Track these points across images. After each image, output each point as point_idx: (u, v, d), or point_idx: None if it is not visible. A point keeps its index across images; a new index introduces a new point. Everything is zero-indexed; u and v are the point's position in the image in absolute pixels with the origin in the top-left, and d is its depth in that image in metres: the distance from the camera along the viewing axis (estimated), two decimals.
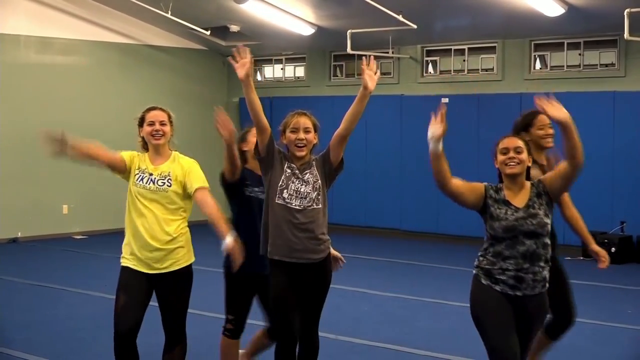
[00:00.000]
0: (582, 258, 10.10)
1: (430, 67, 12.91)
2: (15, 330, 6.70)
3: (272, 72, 14.81)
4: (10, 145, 12.02)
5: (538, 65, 11.99)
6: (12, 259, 10.64)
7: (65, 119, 12.51)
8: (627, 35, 9.93)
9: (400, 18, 11.13)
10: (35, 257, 10.89)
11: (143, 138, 4.46)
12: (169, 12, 11.96)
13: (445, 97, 12.31)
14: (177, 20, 12.31)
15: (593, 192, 10.55)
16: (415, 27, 11.39)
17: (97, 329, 6.65)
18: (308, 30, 12.61)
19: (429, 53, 12.91)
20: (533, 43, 11.93)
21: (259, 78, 14.92)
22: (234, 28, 12.98)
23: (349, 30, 11.93)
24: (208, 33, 12.99)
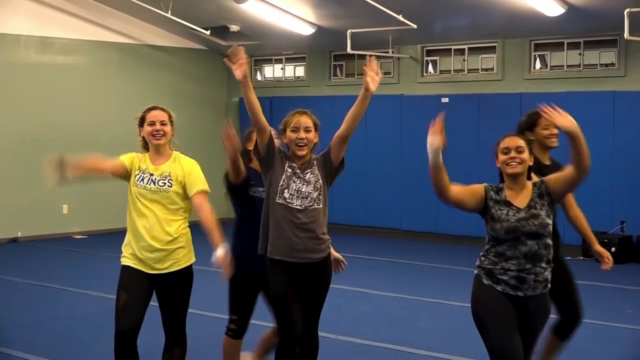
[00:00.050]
0: (582, 258, 10.10)
1: (430, 67, 12.91)
2: (15, 330, 6.70)
3: (272, 72, 14.81)
4: (10, 145, 12.02)
5: (538, 65, 11.99)
6: (12, 259, 10.63)
7: (65, 119, 12.55)
8: (627, 35, 9.93)
9: (400, 18, 11.13)
10: (35, 257, 10.89)
11: (144, 138, 4.45)
12: (169, 12, 11.96)
13: (445, 97, 12.31)
14: (177, 20, 12.31)
15: (593, 192, 10.53)
16: (415, 27, 11.39)
17: (97, 329, 6.66)
18: (308, 30, 12.61)
19: (429, 53, 12.91)
20: (533, 43, 11.93)
21: (259, 78, 14.92)
22: (234, 28, 12.99)
23: (349, 30, 11.93)
24: (208, 33, 13.00)
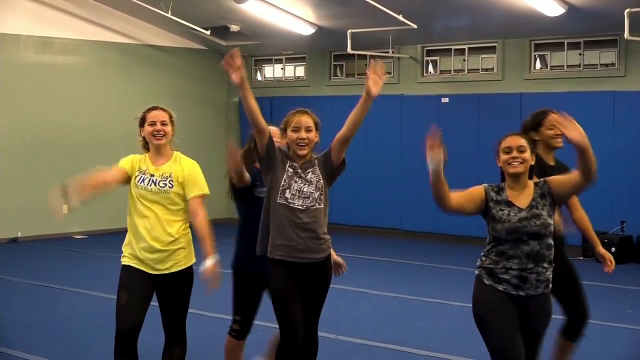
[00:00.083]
0: (582, 258, 10.10)
1: (430, 67, 12.90)
2: (15, 330, 6.70)
3: (272, 72, 14.81)
4: (10, 145, 12.02)
5: (538, 65, 11.99)
6: (12, 259, 10.63)
7: (65, 119, 12.56)
8: (627, 35, 9.93)
9: (401, 18, 11.13)
10: (35, 257, 10.89)
11: (144, 138, 4.45)
12: (169, 12, 11.96)
13: (445, 97, 12.31)
14: (177, 20, 12.31)
15: (593, 192, 10.45)
16: (415, 27, 11.38)
17: (97, 329, 6.66)
18: (308, 30, 12.61)
19: (429, 53, 12.90)
20: (533, 43, 11.93)
21: (259, 78, 14.92)
22: (234, 28, 12.99)
23: (349, 30, 11.92)
24: (208, 33, 13.00)
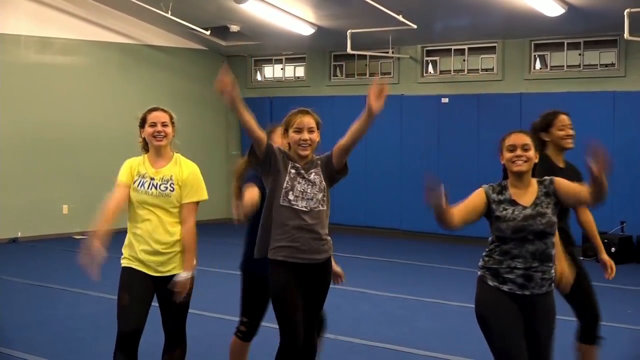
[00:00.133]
0: (582, 258, 10.05)
1: (430, 67, 12.90)
2: (15, 330, 6.70)
3: (272, 72, 14.81)
4: (10, 145, 12.03)
5: (538, 65, 11.99)
6: (12, 259, 10.63)
7: (65, 119, 12.56)
8: (627, 35, 9.93)
9: (400, 18, 11.13)
10: (35, 257, 10.89)
11: (144, 139, 4.43)
12: (169, 12, 11.96)
13: (445, 97, 12.32)
14: (177, 20, 12.31)
15: None
16: (415, 27, 11.38)
17: (97, 329, 6.66)
18: (308, 30, 12.61)
19: (429, 53, 12.90)
20: (533, 43, 11.93)
21: (259, 78, 14.92)
22: (234, 28, 12.99)
23: (349, 30, 11.92)
24: (208, 33, 13.00)
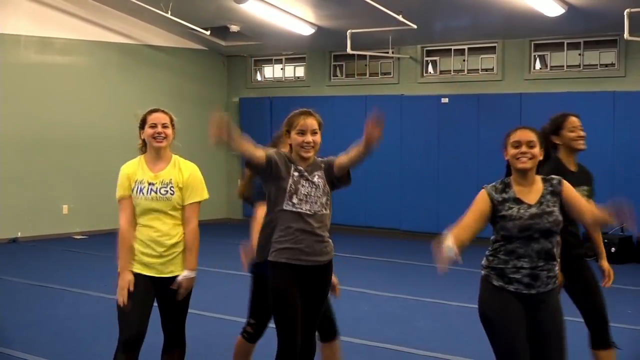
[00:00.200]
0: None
1: (430, 67, 12.90)
2: (15, 330, 6.70)
3: (272, 72, 14.81)
4: (10, 145, 12.03)
5: (538, 65, 11.99)
6: (12, 259, 10.63)
7: (65, 119, 12.56)
8: (627, 35, 9.93)
9: (400, 18, 11.13)
10: (35, 257, 10.89)
11: (144, 140, 4.41)
12: (169, 12, 11.96)
13: (445, 97, 12.32)
14: (177, 20, 12.31)
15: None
16: (415, 27, 11.38)
17: (97, 329, 6.66)
18: (308, 30, 12.61)
19: (429, 53, 12.90)
20: (533, 43, 11.93)
21: (259, 78, 14.93)
22: (234, 28, 12.99)
23: (349, 30, 11.92)
24: (208, 33, 13.00)
